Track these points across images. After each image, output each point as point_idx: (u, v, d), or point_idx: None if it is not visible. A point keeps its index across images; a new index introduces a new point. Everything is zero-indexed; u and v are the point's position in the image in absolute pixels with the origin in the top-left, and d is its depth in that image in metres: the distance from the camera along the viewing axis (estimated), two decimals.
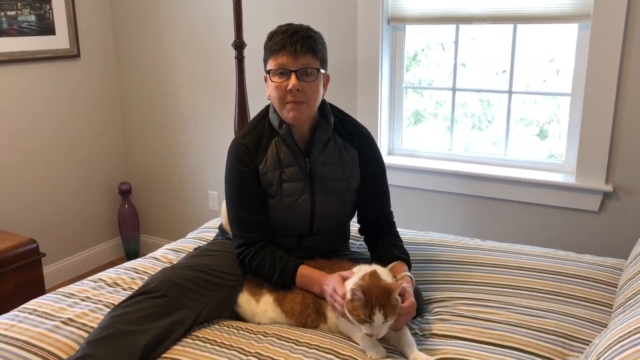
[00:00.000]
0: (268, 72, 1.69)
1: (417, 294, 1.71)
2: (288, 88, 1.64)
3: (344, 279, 1.56)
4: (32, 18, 3.06)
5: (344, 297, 1.50)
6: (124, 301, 1.58)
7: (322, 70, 1.71)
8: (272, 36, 1.68)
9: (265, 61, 1.71)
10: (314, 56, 1.67)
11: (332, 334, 1.57)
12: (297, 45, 1.63)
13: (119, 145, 3.68)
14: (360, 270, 1.55)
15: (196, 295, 1.64)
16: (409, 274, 1.68)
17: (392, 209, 1.91)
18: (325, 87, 1.76)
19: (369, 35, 2.76)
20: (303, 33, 1.66)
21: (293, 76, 1.64)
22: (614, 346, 1.22)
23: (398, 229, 1.85)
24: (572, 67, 2.49)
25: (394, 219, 1.91)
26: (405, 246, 1.80)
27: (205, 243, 2.10)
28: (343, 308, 1.49)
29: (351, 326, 1.52)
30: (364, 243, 1.95)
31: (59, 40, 3.21)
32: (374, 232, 1.87)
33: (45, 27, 3.13)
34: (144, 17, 3.39)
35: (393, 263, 1.72)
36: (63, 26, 3.21)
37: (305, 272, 1.66)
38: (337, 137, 1.79)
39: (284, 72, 1.65)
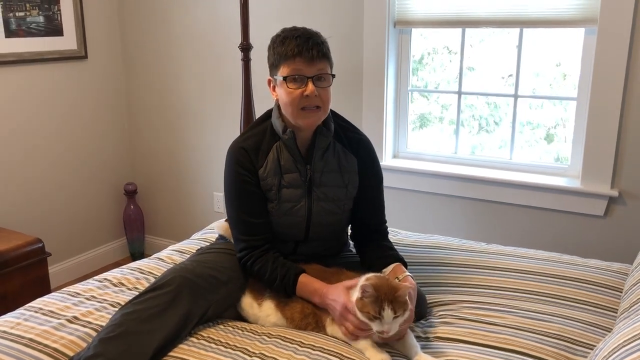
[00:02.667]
0: (284, 78, 1.64)
1: (420, 297, 1.71)
2: (305, 94, 1.63)
3: (349, 289, 1.54)
4: (41, 19, 3.08)
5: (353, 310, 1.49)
6: (135, 298, 1.58)
7: (333, 75, 1.71)
8: (283, 41, 1.65)
9: (276, 66, 1.67)
10: (328, 61, 1.68)
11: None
12: (313, 51, 1.62)
13: (125, 146, 3.70)
14: (364, 276, 1.55)
15: (205, 291, 1.64)
16: (409, 274, 1.67)
17: (396, 212, 1.90)
18: None
19: (375, 38, 2.77)
20: (316, 39, 1.65)
21: (310, 82, 1.63)
22: (618, 350, 1.22)
23: (403, 231, 1.84)
24: (579, 71, 2.49)
25: (388, 230, 1.89)
26: (409, 249, 1.79)
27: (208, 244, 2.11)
28: (354, 328, 1.48)
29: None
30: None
31: (67, 41, 3.23)
32: (366, 241, 1.85)
33: (53, 28, 3.15)
34: (151, 18, 3.41)
35: (392, 265, 1.70)
36: (71, 27, 3.23)
37: (306, 281, 1.65)
38: (337, 144, 1.78)
39: (298, 78, 1.64)
